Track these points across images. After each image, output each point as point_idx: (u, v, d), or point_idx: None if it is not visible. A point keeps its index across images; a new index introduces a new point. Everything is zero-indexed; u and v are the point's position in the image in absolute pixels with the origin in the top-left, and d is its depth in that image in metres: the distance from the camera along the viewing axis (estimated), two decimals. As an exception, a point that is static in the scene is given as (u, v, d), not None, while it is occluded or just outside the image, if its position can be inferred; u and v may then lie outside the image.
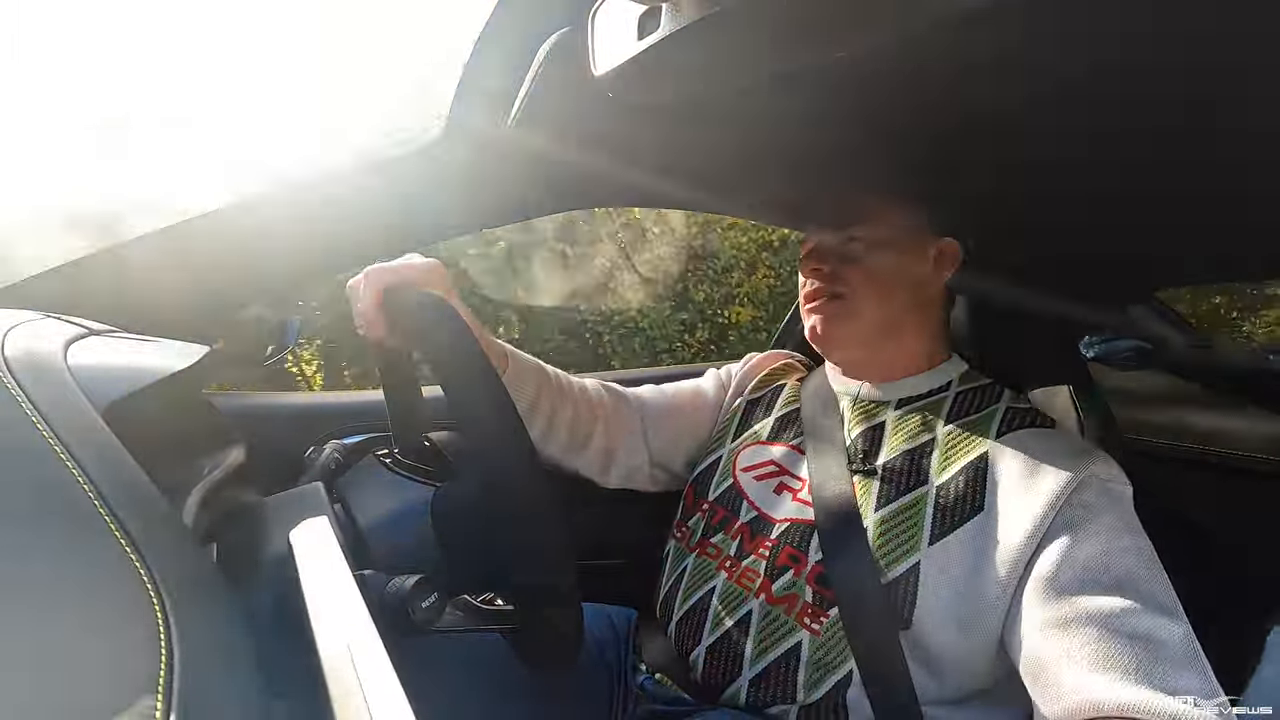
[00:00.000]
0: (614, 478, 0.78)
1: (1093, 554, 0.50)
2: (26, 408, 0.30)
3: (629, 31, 0.39)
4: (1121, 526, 0.52)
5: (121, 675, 0.22)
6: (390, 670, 0.25)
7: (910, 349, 0.69)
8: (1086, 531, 0.51)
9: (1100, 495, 0.53)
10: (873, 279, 0.66)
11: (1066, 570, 0.50)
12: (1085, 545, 0.51)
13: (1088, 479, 0.54)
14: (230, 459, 0.50)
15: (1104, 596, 0.48)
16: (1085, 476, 0.54)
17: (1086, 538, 0.51)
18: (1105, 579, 0.49)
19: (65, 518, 0.26)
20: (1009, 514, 0.54)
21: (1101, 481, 0.54)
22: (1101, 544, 0.51)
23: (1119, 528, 0.52)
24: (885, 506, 0.60)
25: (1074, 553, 0.51)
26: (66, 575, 0.24)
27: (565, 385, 0.73)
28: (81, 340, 0.44)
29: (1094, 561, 0.50)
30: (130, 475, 0.32)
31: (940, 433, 0.63)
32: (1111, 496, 0.54)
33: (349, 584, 0.32)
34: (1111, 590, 0.48)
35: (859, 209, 0.68)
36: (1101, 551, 0.50)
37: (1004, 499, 0.55)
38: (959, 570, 0.55)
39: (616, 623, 0.77)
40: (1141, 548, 0.51)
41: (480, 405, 0.39)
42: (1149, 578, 0.50)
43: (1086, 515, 0.52)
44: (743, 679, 0.60)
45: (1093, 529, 0.51)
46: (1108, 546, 0.51)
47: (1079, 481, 0.53)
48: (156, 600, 0.25)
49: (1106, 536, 0.51)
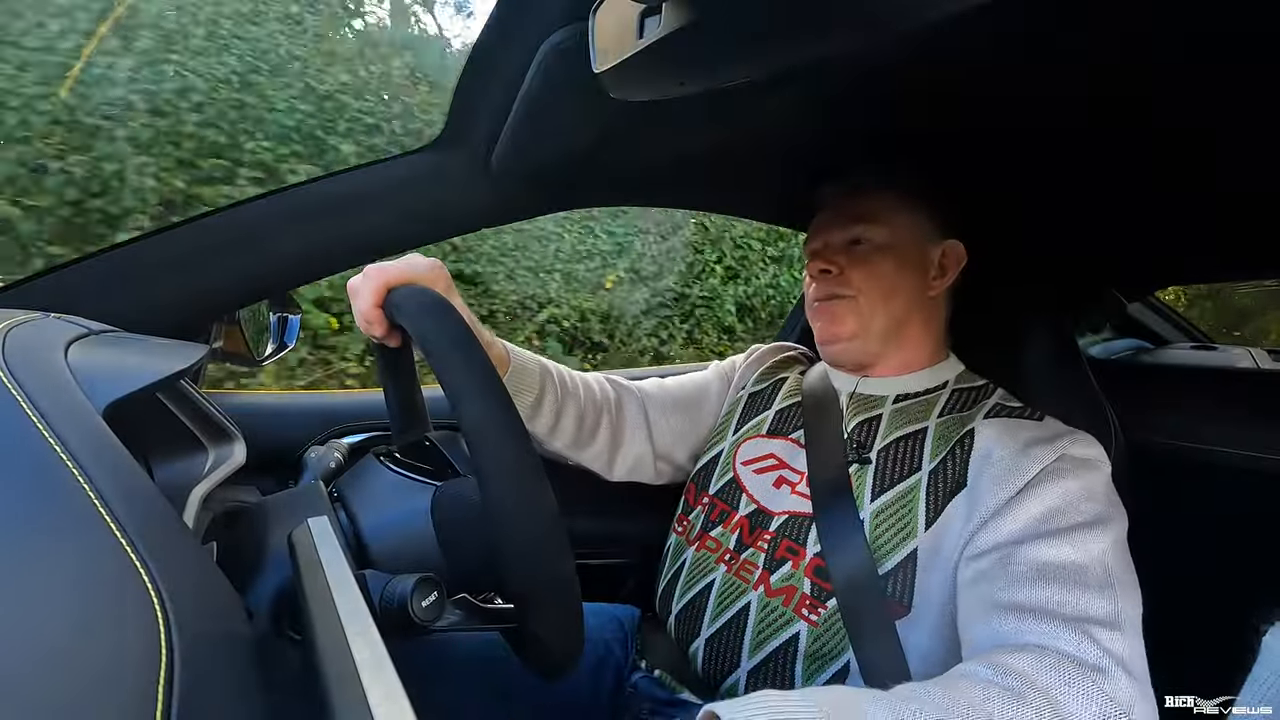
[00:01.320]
0: (619, 471, 0.78)
1: (1046, 507, 0.52)
2: (27, 407, 0.30)
3: (629, 31, 0.39)
4: (1084, 493, 0.53)
5: (122, 674, 0.22)
6: (390, 670, 0.25)
7: (912, 348, 0.70)
8: (1048, 490, 0.53)
9: (1072, 465, 0.55)
10: (878, 280, 0.66)
11: (1016, 519, 0.52)
12: (1043, 499, 0.52)
13: (1065, 454, 0.55)
14: (230, 459, 0.50)
15: (1034, 535, 0.50)
16: (1062, 454, 0.55)
17: (1046, 494, 0.53)
18: (1046, 526, 0.51)
19: (65, 517, 0.26)
20: (986, 489, 0.55)
21: (1076, 458, 0.55)
22: (1057, 501, 0.52)
23: (1082, 492, 0.53)
24: (880, 496, 0.61)
25: (1028, 505, 0.52)
26: (66, 574, 0.24)
27: (569, 381, 0.74)
28: (81, 340, 0.44)
29: (1045, 512, 0.52)
30: (130, 475, 0.32)
31: (933, 423, 0.64)
32: (1085, 467, 0.55)
33: (349, 584, 0.32)
34: (1050, 534, 0.50)
35: (865, 209, 0.68)
36: (1054, 508, 0.52)
37: (985, 474, 0.56)
38: (948, 548, 0.56)
39: (624, 622, 0.77)
40: (1099, 512, 0.52)
41: (480, 405, 0.39)
42: (1089, 530, 0.50)
43: (1053, 478, 0.54)
44: (741, 670, 0.60)
45: (1056, 488, 0.53)
46: (1062, 505, 0.52)
47: (1056, 455, 0.55)
48: (156, 600, 0.25)
49: (1064, 497, 0.52)
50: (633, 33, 0.38)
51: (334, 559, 0.35)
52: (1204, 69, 0.48)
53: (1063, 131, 0.63)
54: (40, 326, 0.43)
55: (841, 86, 0.58)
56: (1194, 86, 0.51)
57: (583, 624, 0.40)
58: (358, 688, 0.24)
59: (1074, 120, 0.60)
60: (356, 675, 0.25)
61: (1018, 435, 0.58)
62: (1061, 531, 0.50)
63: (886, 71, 0.54)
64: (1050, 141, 0.66)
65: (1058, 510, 0.52)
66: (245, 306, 0.74)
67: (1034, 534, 0.51)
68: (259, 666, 0.29)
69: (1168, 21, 0.43)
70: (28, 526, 0.25)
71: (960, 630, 0.52)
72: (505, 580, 0.38)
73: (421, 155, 0.72)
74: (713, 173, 0.84)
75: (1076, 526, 0.50)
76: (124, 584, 0.25)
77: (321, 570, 0.34)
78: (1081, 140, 0.64)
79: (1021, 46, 0.48)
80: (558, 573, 0.38)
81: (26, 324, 0.42)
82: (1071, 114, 0.59)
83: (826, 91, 0.59)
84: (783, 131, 0.69)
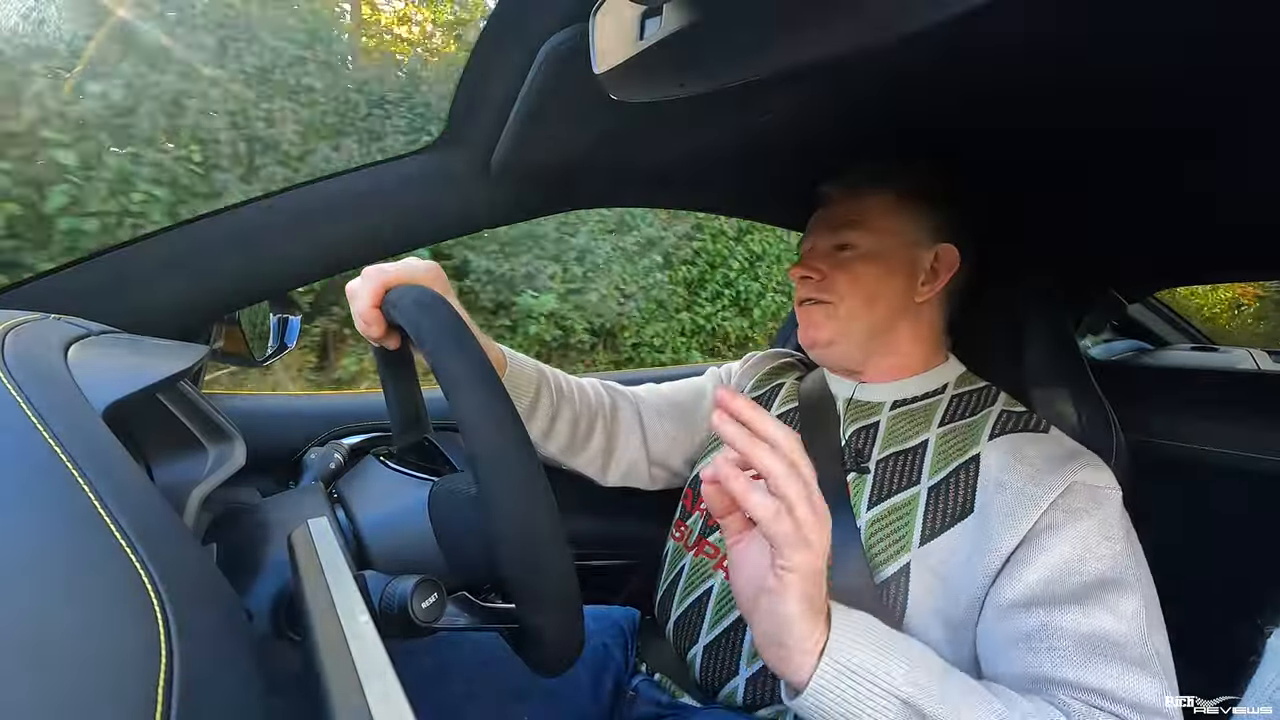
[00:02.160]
0: (613, 476, 0.78)
1: (1067, 558, 0.51)
2: (26, 408, 0.30)
3: (629, 31, 0.39)
4: (1102, 533, 0.52)
5: (122, 675, 0.22)
6: (390, 671, 0.25)
7: (904, 352, 0.69)
8: (1065, 535, 0.52)
9: (1086, 500, 0.54)
10: (860, 287, 0.66)
11: (1037, 571, 0.51)
12: (1062, 548, 0.51)
13: (1075, 485, 0.54)
14: (230, 459, 0.50)
15: (1069, 599, 0.49)
16: (1072, 482, 0.54)
17: (1064, 541, 0.52)
18: (1073, 582, 0.50)
19: (65, 518, 0.26)
20: (997, 517, 0.54)
21: (1089, 487, 0.54)
22: (1078, 549, 0.51)
23: (1099, 534, 0.52)
24: (877, 505, 0.60)
25: (1049, 556, 0.51)
26: (66, 575, 0.24)
27: (564, 385, 0.74)
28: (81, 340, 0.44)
29: (1067, 565, 0.51)
30: (130, 475, 0.32)
31: (934, 434, 0.63)
32: (1097, 500, 0.54)
33: (349, 585, 0.32)
34: (1077, 593, 0.49)
35: (856, 215, 0.67)
36: (1076, 556, 0.51)
37: (993, 502, 0.56)
38: (948, 571, 0.55)
39: (623, 625, 0.77)
40: (1119, 554, 0.52)
41: (480, 406, 0.39)
42: (1118, 583, 0.50)
43: (1068, 519, 0.53)
44: (739, 678, 0.60)
45: (1072, 533, 0.52)
46: (1083, 553, 0.51)
47: (1066, 486, 0.54)
48: (156, 600, 0.25)
49: (1084, 542, 0.52)
50: (633, 33, 0.38)
51: (334, 560, 0.35)
52: (1204, 69, 0.48)
53: (1063, 131, 0.63)
54: (40, 327, 0.43)
55: (841, 87, 0.58)
56: (1194, 86, 0.51)
57: (582, 617, 0.40)
58: (357, 688, 0.24)
59: (1074, 120, 0.60)
60: (356, 676, 0.25)
61: (1025, 457, 0.57)
62: (1093, 590, 0.50)
63: (887, 72, 0.54)
64: (1050, 141, 0.66)
65: (1079, 559, 0.51)
66: (245, 307, 0.74)
67: (1066, 595, 0.50)
68: (259, 667, 0.29)
69: (1168, 21, 0.43)
70: (27, 528, 0.25)
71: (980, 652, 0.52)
72: (501, 566, 0.38)
73: (421, 155, 0.72)
74: (713, 173, 0.84)
75: (1106, 583, 0.50)
76: (124, 585, 0.25)
77: (321, 571, 0.34)
78: (1081, 140, 0.64)
79: (1021, 47, 0.48)
80: (553, 556, 0.38)
81: (26, 324, 0.42)
82: (1072, 114, 0.59)
83: (826, 92, 0.59)
84: (783, 131, 0.69)
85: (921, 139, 0.69)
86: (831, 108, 0.64)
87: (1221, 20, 0.42)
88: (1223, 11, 0.41)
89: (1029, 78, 0.53)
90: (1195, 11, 0.41)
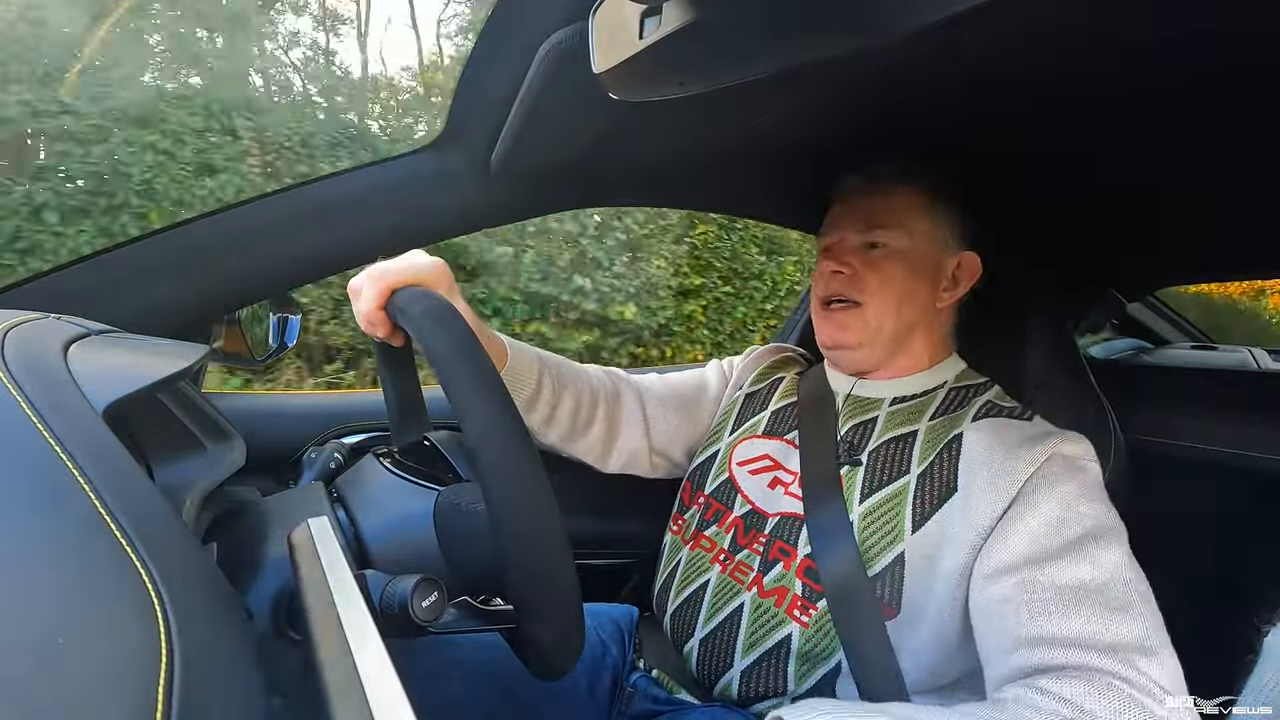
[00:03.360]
0: (613, 463, 0.78)
1: (1048, 520, 0.52)
2: (26, 408, 0.30)
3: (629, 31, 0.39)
4: (1081, 495, 0.53)
5: (122, 675, 0.22)
6: (390, 670, 0.25)
7: (915, 355, 0.69)
8: (1045, 497, 0.53)
9: (1065, 468, 0.55)
10: (890, 287, 0.65)
11: (1019, 535, 0.52)
12: (1042, 509, 0.52)
13: (1054, 455, 0.55)
14: (230, 459, 0.50)
15: (1050, 556, 0.50)
16: (1052, 453, 0.55)
17: (1045, 504, 0.53)
18: (1055, 541, 0.51)
19: (65, 518, 0.26)
20: (980, 491, 0.55)
21: (1067, 458, 0.55)
22: (1058, 510, 0.52)
23: (1078, 495, 0.53)
24: (870, 498, 0.61)
25: (1030, 520, 0.52)
26: (66, 575, 0.24)
27: (566, 373, 0.73)
28: (81, 340, 0.44)
29: (1048, 526, 0.52)
30: (130, 475, 0.32)
31: (924, 425, 0.64)
32: (1075, 468, 0.55)
33: (349, 584, 0.32)
34: (1059, 551, 0.50)
35: (886, 212, 0.67)
36: (1057, 518, 0.52)
37: (976, 478, 0.56)
38: (940, 552, 0.55)
39: (621, 623, 0.77)
40: (1099, 513, 0.52)
41: (482, 408, 0.39)
42: (1098, 539, 0.51)
43: (1048, 484, 0.54)
44: (734, 671, 0.60)
45: (1053, 496, 0.53)
46: (1064, 513, 0.52)
47: (1046, 457, 0.55)
48: (156, 600, 0.25)
49: (1064, 503, 0.52)
50: (633, 33, 0.38)
51: (334, 559, 0.35)
52: (1204, 67, 0.48)
53: (1063, 130, 0.63)
54: (40, 326, 0.43)
55: (841, 86, 0.58)
56: (1195, 85, 0.51)
57: (583, 628, 0.40)
58: (358, 688, 0.24)
59: (1074, 120, 0.60)
60: (356, 676, 0.25)
61: (1005, 436, 0.58)
62: (1072, 546, 0.50)
63: (887, 71, 0.54)
64: (1050, 140, 0.66)
65: (1060, 520, 0.52)
66: (245, 307, 0.74)
67: (1046, 552, 0.50)
68: (259, 667, 0.29)
69: (1168, 20, 0.43)
70: (27, 527, 0.25)
71: (984, 652, 0.52)
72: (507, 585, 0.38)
73: (421, 155, 0.72)
74: (713, 173, 0.84)
75: (1085, 538, 0.50)
76: (124, 585, 0.25)
77: (321, 570, 0.33)
78: (1082, 139, 0.64)
79: (1021, 47, 0.48)
80: (561, 587, 0.38)
81: (26, 324, 0.42)
82: (1071, 114, 0.59)
83: (826, 91, 0.59)
84: (783, 131, 0.69)
85: (922, 138, 0.69)
86: (831, 107, 0.64)
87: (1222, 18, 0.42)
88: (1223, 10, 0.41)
89: (1029, 77, 0.53)
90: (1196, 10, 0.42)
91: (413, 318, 0.46)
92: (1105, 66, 0.50)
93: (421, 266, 0.54)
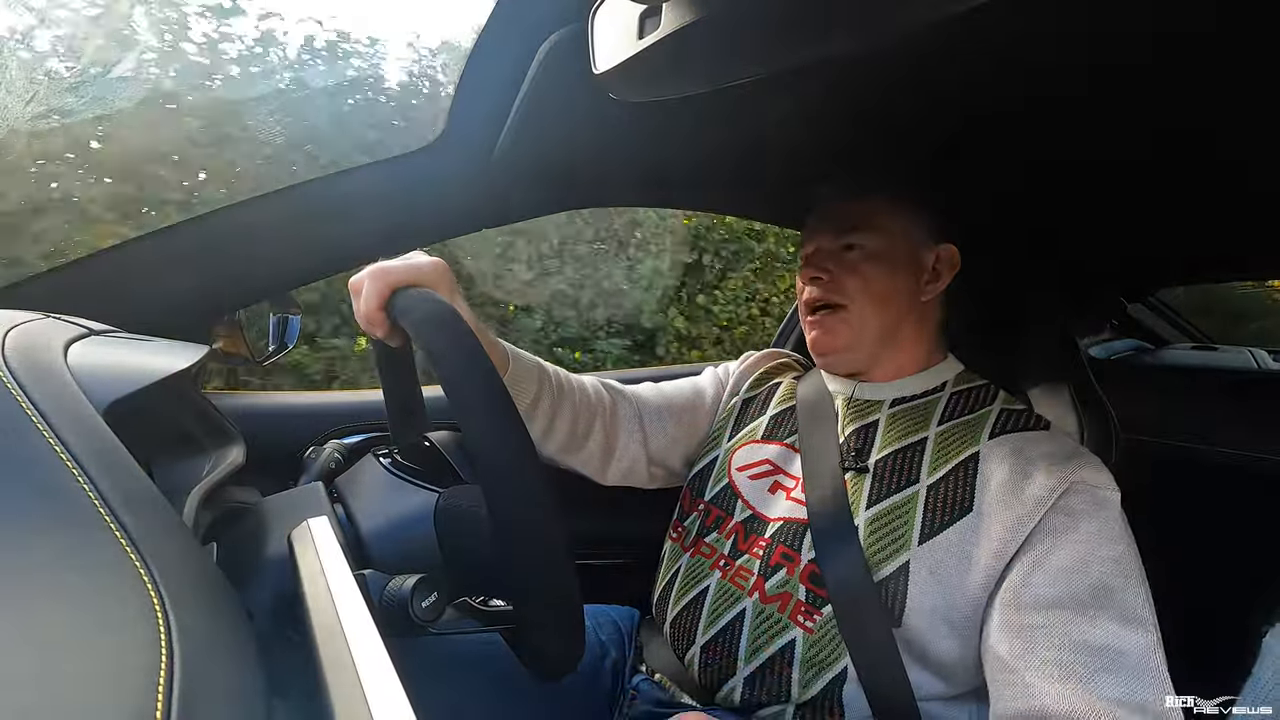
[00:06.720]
0: (612, 475, 0.78)
1: (1070, 561, 0.51)
2: (26, 408, 0.30)
3: (629, 31, 0.39)
4: (1103, 535, 0.52)
5: (122, 674, 0.22)
6: (390, 670, 0.25)
7: (907, 352, 0.69)
8: (1067, 538, 0.52)
9: (1086, 501, 0.53)
10: (871, 288, 0.66)
11: (1042, 574, 0.51)
12: (1064, 551, 0.51)
13: (1075, 484, 0.54)
14: (230, 459, 0.50)
15: (1073, 603, 0.49)
16: (1073, 482, 0.54)
17: (1066, 544, 0.51)
18: (1077, 586, 0.50)
19: (65, 518, 0.26)
20: (996, 516, 0.54)
21: (1089, 488, 0.54)
22: (1080, 552, 0.51)
23: (1101, 536, 0.52)
24: (876, 505, 0.60)
25: (1052, 558, 0.51)
26: (67, 575, 0.24)
27: (565, 384, 0.73)
28: (81, 340, 0.44)
29: (1070, 568, 0.50)
30: (130, 475, 0.32)
31: (933, 433, 0.63)
32: (1097, 502, 0.54)
33: (349, 584, 0.32)
34: (1082, 598, 0.49)
35: (859, 215, 0.67)
36: (1079, 559, 0.51)
37: (992, 501, 0.56)
38: (947, 570, 0.55)
39: (621, 624, 0.77)
40: (1120, 557, 0.51)
41: (483, 408, 0.39)
42: (1122, 587, 0.50)
43: (1070, 522, 0.52)
44: (737, 677, 0.60)
45: (1074, 536, 0.52)
46: (1086, 555, 0.51)
47: (1066, 486, 0.54)
48: (156, 600, 0.25)
49: (1086, 545, 0.51)
50: (633, 34, 0.38)
51: (334, 559, 0.35)
52: (1204, 67, 0.48)
53: (1063, 132, 0.63)
54: (40, 327, 0.43)
55: (840, 86, 0.58)
56: (1194, 85, 0.51)
57: (584, 631, 0.40)
58: (357, 688, 0.24)
59: (1074, 121, 0.60)
60: (356, 676, 0.25)
61: (1024, 456, 0.57)
62: (1098, 596, 0.49)
63: (886, 72, 0.54)
64: (1050, 141, 0.66)
65: (1083, 562, 0.51)
66: (245, 306, 0.74)
67: (1071, 598, 0.49)
68: (259, 667, 0.29)
69: (1167, 21, 0.43)
70: (27, 527, 0.25)
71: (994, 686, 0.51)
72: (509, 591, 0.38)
73: (421, 155, 0.72)
74: (713, 173, 0.84)
75: (1110, 589, 0.49)
76: (124, 585, 0.25)
77: (321, 570, 0.34)
78: (1081, 140, 0.64)
79: (1021, 47, 0.48)
80: (562, 592, 0.38)
81: (26, 324, 0.42)
82: (1071, 114, 0.59)
83: (827, 92, 0.59)
84: (783, 131, 0.69)
85: (922, 139, 0.69)
86: (831, 107, 0.64)
87: (1221, 19, 0.42)
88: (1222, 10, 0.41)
89: (1028, 77, 0.53)
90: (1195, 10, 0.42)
91: (414, 320, 0.46)
92: (1105, 66, 0.50)
93: (422, 267, 0.54)
